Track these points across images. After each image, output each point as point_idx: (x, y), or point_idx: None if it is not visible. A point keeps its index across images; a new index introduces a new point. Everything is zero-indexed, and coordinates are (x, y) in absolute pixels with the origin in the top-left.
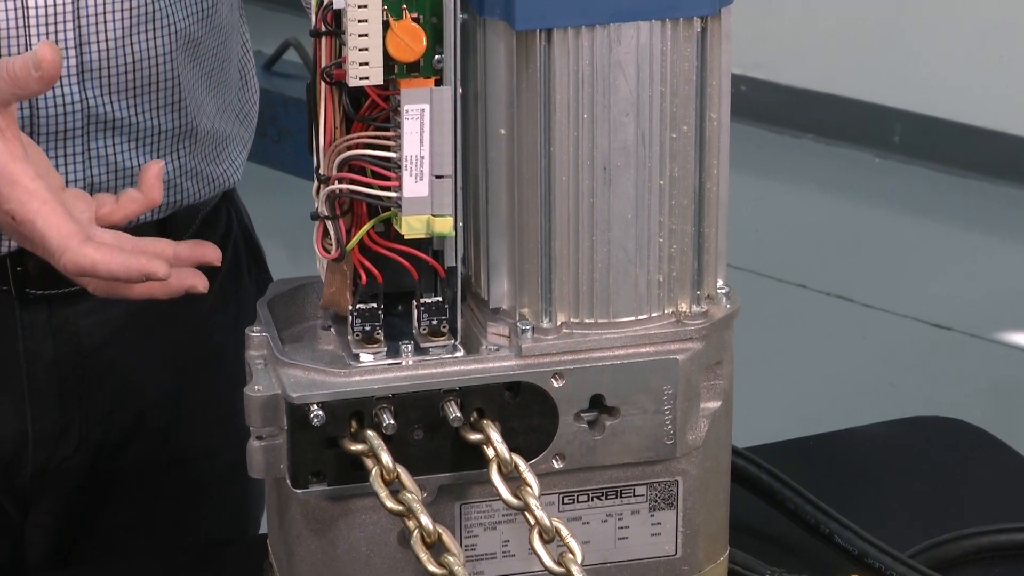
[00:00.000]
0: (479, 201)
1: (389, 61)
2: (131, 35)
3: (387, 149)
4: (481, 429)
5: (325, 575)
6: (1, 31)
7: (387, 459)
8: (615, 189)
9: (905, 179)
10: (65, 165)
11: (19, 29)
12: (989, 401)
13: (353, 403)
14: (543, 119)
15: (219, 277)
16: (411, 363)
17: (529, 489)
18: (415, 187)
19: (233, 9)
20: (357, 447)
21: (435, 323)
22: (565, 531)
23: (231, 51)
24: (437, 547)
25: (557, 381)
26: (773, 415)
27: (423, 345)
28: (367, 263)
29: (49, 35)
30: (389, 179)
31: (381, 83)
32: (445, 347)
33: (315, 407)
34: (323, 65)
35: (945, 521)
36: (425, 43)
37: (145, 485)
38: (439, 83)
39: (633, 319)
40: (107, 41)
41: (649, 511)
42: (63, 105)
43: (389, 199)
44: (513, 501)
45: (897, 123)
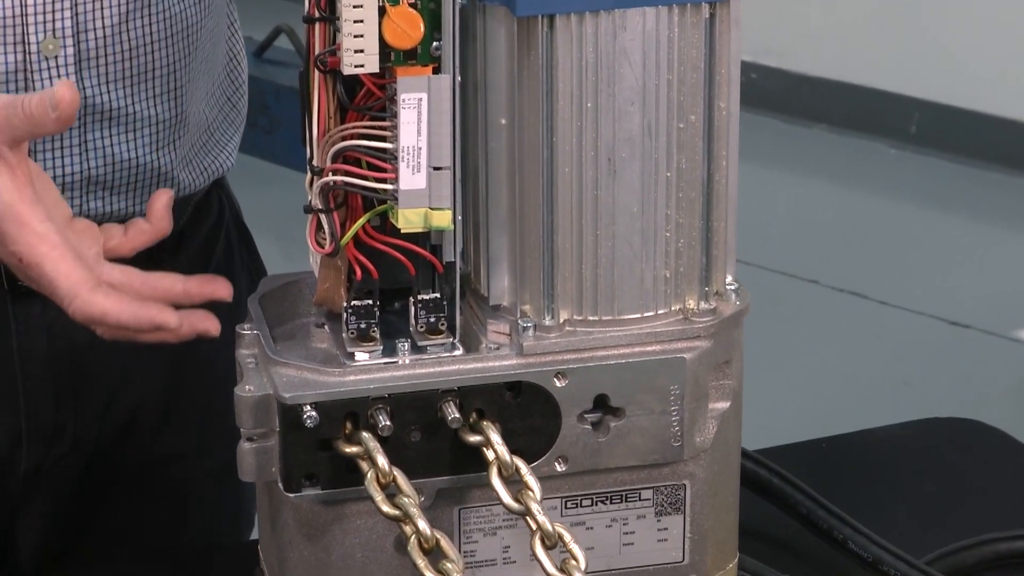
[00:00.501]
0: (479, 194)
1: (385, 48)
2: (127, 21)
3: (383, 140)
4: (481, 431)
5: None
6: None
7: (383, 462)
8: (620, 181)
9: (922, 171)
10: (62, 158)
11: (16, 18)
12: (1008, 402)
13: (348, 404)
14: (545, 108)
15: (211, 267)
16: (408, 362)
17: (531, 493)
18: (412, 179)
19: None
20: (352, 449)
21: (433, 320)
22: (568, 537)
23: (219, 32)
24: (435, 553)
25: (560, 381)
26: (784, 416)
27: (420, 343)
28: (362, 258)
29: (47, 23)
30: (385, 171)
31: (377, 71)
32: (443, 345)
33: (308, 408)
34: (316, 52)
35: (962, 526)
36: (422, 29)
37: (138, 486)
38: (437, 71)
39: (639, 316)
40: (104, 28)
41: (655, 516)
42: None
43: (385, 192)
44: (514, 505)
45: (914, 112)
